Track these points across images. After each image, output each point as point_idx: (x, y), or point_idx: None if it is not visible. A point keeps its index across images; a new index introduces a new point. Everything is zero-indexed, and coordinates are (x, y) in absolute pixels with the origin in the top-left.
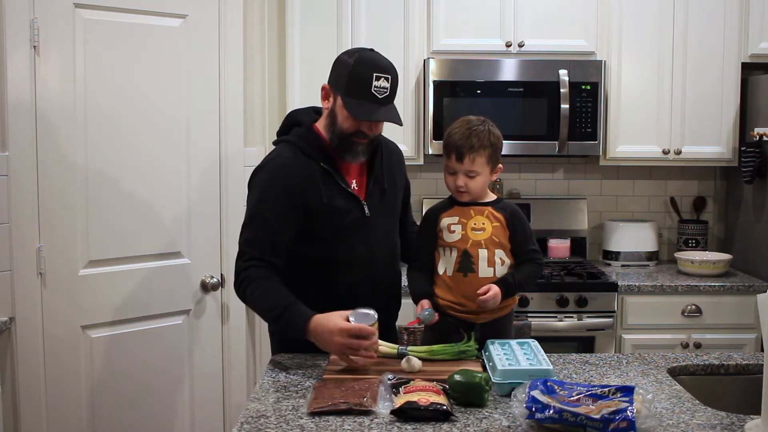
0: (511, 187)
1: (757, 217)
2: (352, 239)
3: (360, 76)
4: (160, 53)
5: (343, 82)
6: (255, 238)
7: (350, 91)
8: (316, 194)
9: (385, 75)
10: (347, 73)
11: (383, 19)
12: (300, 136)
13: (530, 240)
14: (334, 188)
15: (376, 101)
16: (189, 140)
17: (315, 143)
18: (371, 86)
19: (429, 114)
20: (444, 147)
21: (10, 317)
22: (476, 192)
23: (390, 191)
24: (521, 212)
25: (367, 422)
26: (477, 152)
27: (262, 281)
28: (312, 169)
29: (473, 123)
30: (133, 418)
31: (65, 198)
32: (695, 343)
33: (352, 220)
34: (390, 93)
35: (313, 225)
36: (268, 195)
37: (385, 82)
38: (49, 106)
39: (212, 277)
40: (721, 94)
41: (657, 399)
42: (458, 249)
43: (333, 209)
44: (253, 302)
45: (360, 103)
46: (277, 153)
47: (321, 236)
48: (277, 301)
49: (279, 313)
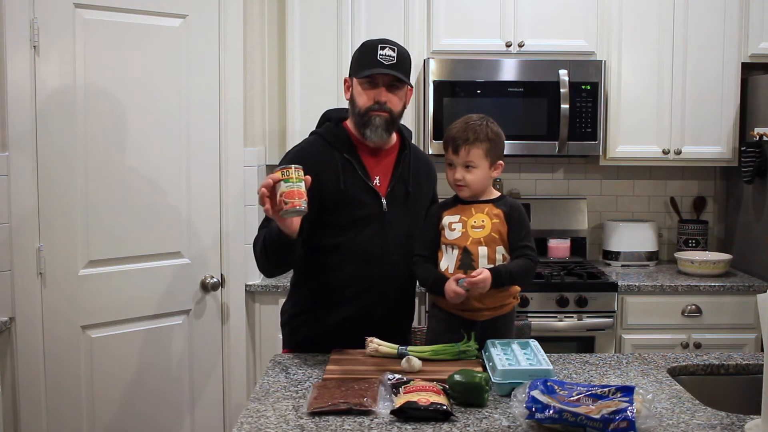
0: (511, 187)
1: (757, 217)
2: (366, 231)
3: (366, 48)
4: (160, 53)
5: (354, 64)
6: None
7: (359, 65)
8: (334, 180)
9: (390, 45)
10: (356, 56)
11: (383, 20)
12: (327, 129)
13: (526, 236)
14: (353, 178)
15: (383, 66)
16: (189, 140)
17: (341, 136)
18: (377, 54)
19: (429, 114)
20: (443, 142)
21: (10, 317)
22: (475, 186)
23: (414, 194)
24: (522, 208)
25: (367, 422)
26: (473, 144)
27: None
28: (333, 158)
29: (472, 119)
30: (133, 418)
31: (65, 198)
32: (695, 343)
33: (368, 212)
34: (397, 62)
35: (328, 211)
36: None
37: (391, 51)
38: (49, 106)
39: (212, 277)
40: (721, 94)
41: (657, 399)
42: (459, 247)
43: (348, 197)
44: (257, 249)
45: (369, 70)
46: (303, 143)
47: (336, 224)
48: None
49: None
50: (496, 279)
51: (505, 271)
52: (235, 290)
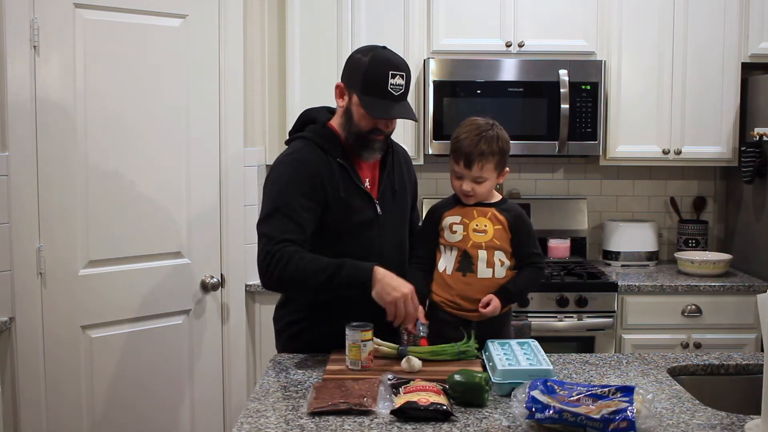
0: (511, 187)
1: (757, 217)
2: (363, 237)
3: (376, 74)
4: (160, 53)
5: (359, 80)
6: (280, 227)
7: (366, 89)
8: (335, 188)
9: (400, 72)
10: (363, 72)
11: (383, 19)
12: (316, 132)
13: (533, 243)
14: (350, 184)
15: (392, 98)
16: (189, 140)
17: (331, 139)
18: (387, 84)
19: (429, 114)
20: (452, 151)
21: (10, 317)
22: (483, 196)
23: (400, 192)
24: (525, 215)
25: (367, 422)
26: (486, 159)
27: (304, 254)
28: (330, 164)
29: (482, 127)
30: (133, 418)
31: (65, 198)
32: (695, 343)
33: (365, 218)
34: (405, 90)
35: (327, 219)
36: (292, 185)
37: (400, 80)
38: (49, 106)
39: (212, 277)
40: (721, 94)
41: (657, 399)
42: (459, 249)
43: (348, 205)
44: (299, 271)
45: (377, 102)
46: (295, 148)
47: (334, 231)
48: (329, 261)
49: (336, 267)
50: (506, 300)
51: (515, 288)
52: (235, 290)
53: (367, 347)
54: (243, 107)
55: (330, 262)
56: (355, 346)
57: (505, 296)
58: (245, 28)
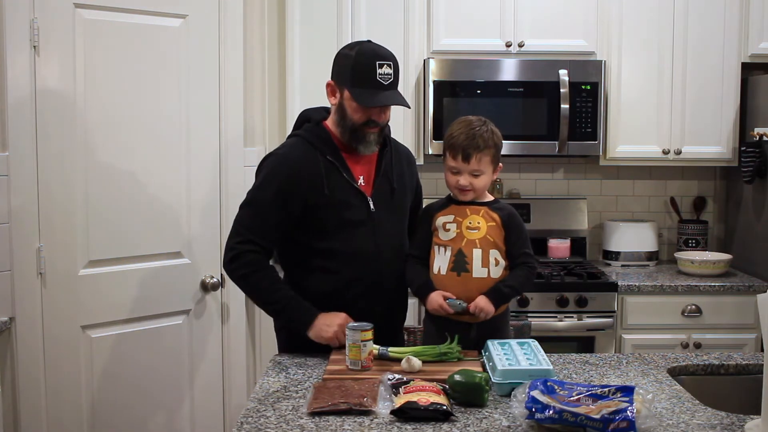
0: (511, 187)
1: (757, 217)
2: (355, 233)
3: (364, 65)
4: (160, 53)
5: (347, 74)
6: (251, 222)
7: (356, 81)
8: (318, 186)
9: (387, 62)
10: (351, 66)
11: (383, 19)
12: (308, 130)
13: (524, 243)
14: (338, 181)
15: (382, 87)
16: (189, 140)
17: (323, 137)
18: (376, 74)
19: (429, 114)
20: (448, 148)
21: (10, 317)
22: (480, 190)
23: (399, 190)
24: (518, 215)
25: (367, 422)
26: (483, 152)
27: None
28: (317, 161)
29: (475, 124)
30: (133, 417)
31: (65, 198)
32: (695, 343)
33: (356, 214)
34: (394, 79)
35: (315, 216)
36: (270, 182)
37: (389, 69)
38: (49, 106)
39: (212, 277)
40: (721, 94)
41: (657, 399)
42: (453, 248)
43: (334, 201)
44: (255, 291)
45: (367, 92)
46: (284, 145)
47: (324, 228)
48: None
49: (282, 307)
50: (498, 300)
51: (507, 288)
52: (235, 290)
53: (367, 347)
54: (243, 107)
55: (280, 298)
56: (355, 346)
57: (496, 296)
58: (245, 28)
